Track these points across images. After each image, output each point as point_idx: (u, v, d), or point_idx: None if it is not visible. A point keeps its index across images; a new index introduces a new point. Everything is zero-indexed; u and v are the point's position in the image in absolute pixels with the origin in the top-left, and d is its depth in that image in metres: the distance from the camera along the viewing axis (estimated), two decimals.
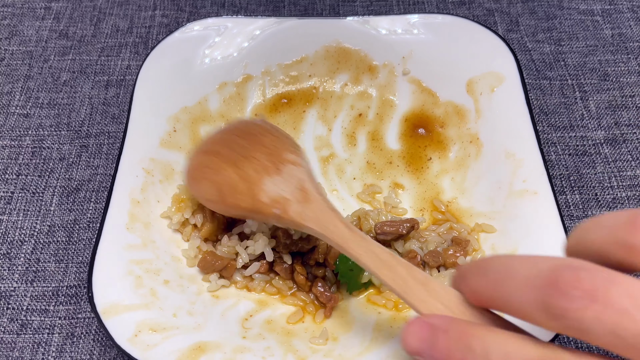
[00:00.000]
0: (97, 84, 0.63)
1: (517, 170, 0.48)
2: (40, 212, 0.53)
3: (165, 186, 0.50)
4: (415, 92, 0.57)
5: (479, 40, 0.55)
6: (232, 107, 0.57)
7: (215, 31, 0.57)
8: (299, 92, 0.59)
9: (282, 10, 0.70)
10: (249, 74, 0.58)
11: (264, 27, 0.57)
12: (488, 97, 0.53)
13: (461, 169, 0.53)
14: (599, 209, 0.54)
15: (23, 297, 0.49)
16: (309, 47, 0.58)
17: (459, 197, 0.52)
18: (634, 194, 0.54)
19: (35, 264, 0.50)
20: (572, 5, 0.70)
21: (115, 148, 0.58)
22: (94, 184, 0.55)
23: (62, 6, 0.70)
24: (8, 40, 0.67)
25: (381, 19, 0.58)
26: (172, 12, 0.70)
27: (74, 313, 0.48)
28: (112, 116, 0.60)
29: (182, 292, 0.45)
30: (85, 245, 0.52)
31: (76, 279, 0.50)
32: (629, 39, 0.66)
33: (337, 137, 0.57)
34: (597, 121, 0.60)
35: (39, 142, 0.58)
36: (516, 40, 0.66)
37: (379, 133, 0.57)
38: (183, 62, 0.55)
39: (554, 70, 0.64)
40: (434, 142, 0.56)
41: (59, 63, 0.65)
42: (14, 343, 0.46)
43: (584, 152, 0.57)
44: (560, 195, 0.54)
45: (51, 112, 0.60)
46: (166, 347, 0.40)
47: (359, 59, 0.58)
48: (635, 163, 0.56)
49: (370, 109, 0.58)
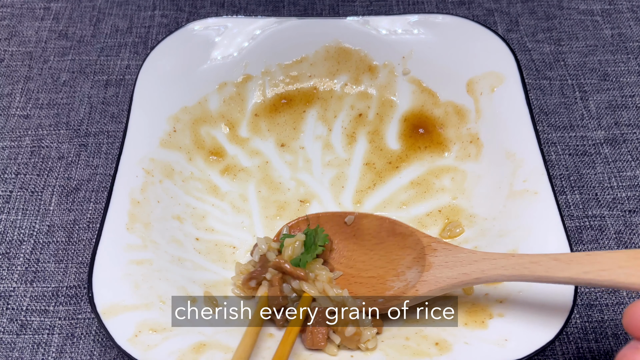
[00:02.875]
0: (96, 83, 0.63)
1: (517, 170, 0.48)
2: (40, 211, 0.53)
3: (165, 186, 0.50)
4: (415, 92, 0.57)
5: (479, 40, 0.55)
6: (232, 107, 0.57)
7: (215, 31, 0.57)
8: (299, 92, 0.59)
9: (282, 10, 0.70)
10: (249, 74, 0.58)
11: (264, 27, 0.57)
12: (488, 97, 0.53)
13: (461, 169, 0.53)
14: (599, 209, 0.54)
15: (23, 297, 0.48)
16: (309, 47, 0.58)
17: (459, 197, 0.52)
18: (634, 194, 0.54)
19: (34, 264, 0.50)
20: (572, 5, 0.70)
21: (114, 147, 0.58)
22: (93, 183, 0.55)
23: (62, 6, 0.70)
24: (7, 41, 0.67)
25: (381, 19, 0.58)
26: (172, 12, 0.70)
27: (73, 313, 0.48)
28: (111, 115, 0.60)
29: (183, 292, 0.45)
30: (85, 246, 0.51)
31: (76, 279, 0.50)
32: (629, 39, 0.66)
33: (337, 137, 0.57)
34: (597, 121, 0.60)
35: (38, 141, 0.58)
36: (516, 40, 0.66)
37: (379, 133, 0.57)
38: (183, 62, 0.55)
39: (554, 70, 0.64)
40: (434, 142, 0.56)
41: (58, 63, 0.65)
42: (13, 343, 0.46)
43: (584, 152, 0.57)
44: (560, 195, 0.54)
45: (50, 112, 0.60)
46: (166, 348, 0.40)
47: (359, 59, 0.58)
48: (635, 163, 0.56)
49: (370, 109, 0.58)
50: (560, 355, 0.46)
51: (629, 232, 0.52)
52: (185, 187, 0.52)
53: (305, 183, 0.55)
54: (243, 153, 0.56)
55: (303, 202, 0.53)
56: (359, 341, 0.42)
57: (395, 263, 0.46)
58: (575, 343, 0.47)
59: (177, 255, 0.47)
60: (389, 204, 0.53)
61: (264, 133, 0.57)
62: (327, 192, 0.54)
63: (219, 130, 0.56)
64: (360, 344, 0.42)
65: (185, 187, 0.52)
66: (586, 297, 0.49)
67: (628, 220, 0.53)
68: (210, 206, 0.52)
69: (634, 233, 0.52)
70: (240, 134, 0.57)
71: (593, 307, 0.48)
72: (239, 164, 0.55)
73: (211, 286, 0.47)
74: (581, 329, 0.47)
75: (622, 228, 0.52)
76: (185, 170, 0.53)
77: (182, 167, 0.53)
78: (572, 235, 0.52)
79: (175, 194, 0.51)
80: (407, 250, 0.46)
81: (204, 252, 0.49)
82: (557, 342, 0.47)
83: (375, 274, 0.47)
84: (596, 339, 0.47)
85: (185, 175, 0.53)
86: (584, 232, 0.52)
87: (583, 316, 0.48)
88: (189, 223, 0.50)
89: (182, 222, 0.50)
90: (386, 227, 0.48)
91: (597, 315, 0.48)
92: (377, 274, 0.46)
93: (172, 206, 0.50)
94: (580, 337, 0.47)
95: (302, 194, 0.54)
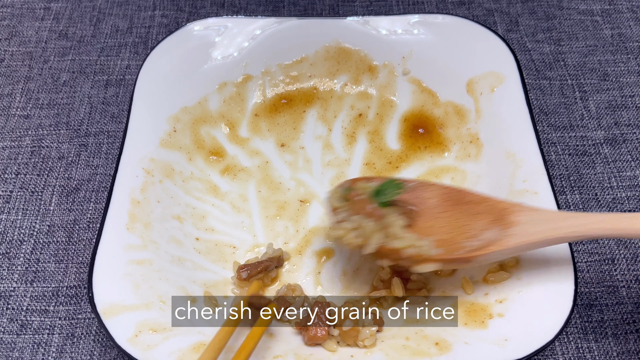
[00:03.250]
0: (96, 83, 0.63)
1: (517, 170, 0.48)
2: (40, 211, 0.53)
3: (165, 186, 0.50)
4: (415, 92, 0.58)
5: (479, 40, 0.55)
6: (232, 107, 0.57)
7: (215, 31, 0.57)
8: (299, 92, 0.59)
9: (282, 10, 0.70)
10: (249, 74, 0.58)
11: (264, 27, 0.57)
12: (488, 97, 0.53)
13: (461, 169, 0.53)
14: (599, 208, 0.54)
15: (23, 297, 0.48)
16: (309, 47, 0.58)
17: None
18: (633, 194, 0.54)
19: (35, 264, 0.50)
20: (571, 5, 0.70)
21: (114, 147, 0.58)
22: (93, 183, 0.55)
23: (62, 6, 0.70)
24: (8, 41, 0.67)
25: (381, 19, 0.58)
26: (172, 12, 0.70)
27: (74, 313, 0.48)
28: (111, 115, 0.60)
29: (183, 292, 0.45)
30: (85, 246, 0.51)
31: (76, 279, 0.50)
32: (629, 39, 0.66)
33: (337, 137, 0.57)
34: (597, 121, 0.60)
35: (38, 141, 0.58)
36: (516, 40, 0.66)
37: (379, 133, 0.57)
38: (183, 62, 0.55)
39: (554, 70, 0.64)
40: (434, 142, 0.56)
41: (58, 64, 0.65)
42: (14, 343, 0.46)
43: (584, 152, 0.57)
44: (560, 195, 0.54)
45: (51, 112, 0.60)
46: (166, 347, 0.40)
47: (359, 59, 0.58)
48: (635, 163, 0.56)
49: (370, 109, 0.58)
50: (560, 355, 0.46)
51: None
52: (185, 187, 0.52)
53: (305, 183, 0.55)
54: (243, 153, 0.56)
55: (303, 202, 0.53)
56: (356, 337, 0.42)
57: (465, 228, 0.44)
58: (575, 343, 0.47)
59: (177, 255, 0.47)
60: None
61: (264, 133, 0.57)
62: (327, 192, 0.54)
63: (219, 130, 0.56)
64: (358, 340, 0.42)
65: (185, 187, 0.52)
66: (586, 297, 0.49)
67: None
68: (210, 206, 0.52)
69: None
70: (240, 134, 0.57)
71: (593, 307, 0.48)
72: (239, 164, 0.55)
73: (211, 286, 0.47)
74: (581, 329, 0.47)
75: None
76: (185, 170, 0.53)
77: (182, 167, 0.53)
78: None
79: (175, 194, 0.51)
80: (479, 217, 0.44)
81: (204, 252, 0.49)
82: (557, 342, 0.47)
83: (445, 237, 0.44)
84: (596, 339, 0.47)
85: (185, 175, 0.53)
86: None
87: (583, 316, 0.48)
88: (189, 223, 0.50)
89: (182, 222, 0.50)
90: (452, 196, 0.46)
91: (597, 315, 0.48)
92: (447, 237, 0.44)
93: (172, 206, 0.50)
94: (580, 337, 0.47)
95: (302, 194, 0.54)
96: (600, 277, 0.50)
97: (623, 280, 0.49)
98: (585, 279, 0.50)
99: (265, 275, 0.47)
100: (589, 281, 0.50)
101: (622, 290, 0.49)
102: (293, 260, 0.50)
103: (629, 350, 0.46)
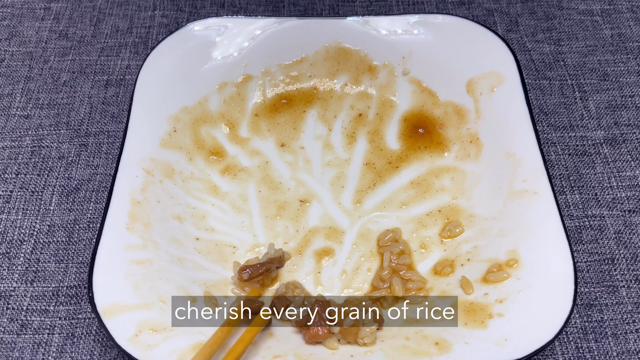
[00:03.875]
0: (96, 83, 0.63)
1: (517, 170, 0.48)
2: (40, 211, 0.53)
3: (165, 186, 0.50)
4: (415, 92, 0.58)
5: (479, 40, 0.55)
6: (232, 107, 0.57)
7: (216, 31, 0.57)
8: (299, 92, 0.59)
9: (282, 10, 0.70)
10: (249, 74, 0.58)
11: (264, 27, 0.57)
12: (488, 97, 0.53)
13: (461, 169, 0.53)
14: (598, 208, 0.54)
15: (23, 297, 0.48)
16: (309, 47, 0.58)
17: (459, 197, 0.52)
18: (633, 194, 0.55)
19: (35, 264, 0.50)
20: (571, 5, 0.70)
21: (114, 147, 0.58)
22: (93, 183, 0.55)
23: (62, 7, 0.70)
24: (8, 41, 0.67)
25: (381, 19, 0.58)
26: (172, 12, 0.70)
27: (74, 313, 0.48)
28: (111, 115, 0.60)
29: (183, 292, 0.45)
30: (86, 246, 0.51)
31: (76, 279, 0.50)
32: (629, 39, 0.66)
33: (337, 137, 0.57)
34: (596, 121, 0.60)
35: (38, 141, 0.58)
36: (516, 40, 0.66)
37: (379, 133, 0.57)
38: (183, 62, 0.55)
39: (554, 70, 0.64)
40: (434, 142, 0.56)
41: (59, 64, 0.65)
42: (14, 343, 0.46)
43: (584, 152, 0.57)
44: (560, 195, 0.54)
45: (51, 112, 0.60)
46: (166, 347, 0.40)
47: (359, 59, 0.58)
48: (635, 163, 0.56)
49: (370, 109, 0.58)
50: (560, 355, 0.46)
51: (628, 232, 0.52)
52: (186, 187, 0.52)
53: (305, 183, 0.55)
54: (243, 153, 0.56)
55: (303, 202, 0.53)
56: (357, 334, 0.42)
57: None
58: (575, 343, 0.47)
59: (177, 255, 0.47)
60: (389, 204, 0.53)
61: (264, 133, 0.57)
62: (327, 192, 0.54)
63: (219, 130, 0.56)
64: (358, 338, 0.42)
65: (186, 187, 0.52)
66: (586, 297, 0.49)
67: (627, 220, 0.53)
68: (211, 206, 0.52)
69: (633, 233, 0.52)
70: (241, 134, 0.57)
71: (593, 307, 0.48)
72: (239, 164, 0.55)
73: (211, 286, 0.47)
74: (581, 329, 0.47)
75: (622, 228, 0.52)
76: (185, 170, 0.53)
77: (182, 167, 0.53)
78: (572, 235, 0.52)
79: (175, 194, 0.51)
80: None
81: (204, 252, 0.49)
82: (557, 342, 0.47)
83: None
84: (596, 339, 0.47)
85: (185, 175, 0.53)
86: (584, 232, 0.52)
87: (583, 316, 0.48)
88: (189, 223, 0.50)
89: (182, 222, 0.50)
90: None
91: (597, 315, 0.48)
92: None
93: (172, 206, 0.50)
94: (580, 337, 0.47)
95: (302, 194, 0.54)
96: (600, 277, 0.50)
97: (623, 280, 0.49)
98: (585, 279, 0.50)
99: (265, 276, 0.48)
100: (589, 281, 0.50)
101: (622, 290, 0.49)
102: (293, 260, 0.50)
103: (629, 350, 0.46)
